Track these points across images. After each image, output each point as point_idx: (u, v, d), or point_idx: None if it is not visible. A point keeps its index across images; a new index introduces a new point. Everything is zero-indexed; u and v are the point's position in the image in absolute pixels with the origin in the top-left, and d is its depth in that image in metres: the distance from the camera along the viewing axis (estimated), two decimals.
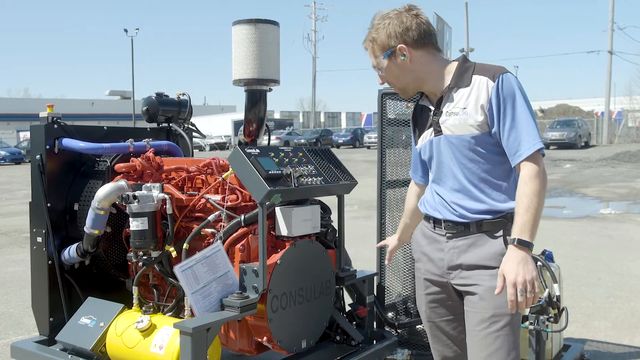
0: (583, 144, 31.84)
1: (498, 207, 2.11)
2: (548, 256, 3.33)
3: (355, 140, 38.56)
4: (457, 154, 2.15)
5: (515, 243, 1.96)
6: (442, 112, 2.18)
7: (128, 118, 41.40)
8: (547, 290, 3.05)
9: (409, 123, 3.39)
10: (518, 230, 1.97)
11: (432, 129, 2.22)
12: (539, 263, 3.18)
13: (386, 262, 2.74)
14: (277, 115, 57.34)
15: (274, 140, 33.10)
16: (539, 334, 3.02)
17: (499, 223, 2.11)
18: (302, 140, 37.50)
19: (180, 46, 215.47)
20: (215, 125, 43.27)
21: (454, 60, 2.24)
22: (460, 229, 2.17)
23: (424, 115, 2.30)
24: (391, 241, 2.74)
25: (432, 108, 2.23)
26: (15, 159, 32.99)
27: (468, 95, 2.12)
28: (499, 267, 2.02)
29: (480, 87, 2.10)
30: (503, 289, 1.94)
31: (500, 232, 2.11)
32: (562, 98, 54.25)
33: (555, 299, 3.06)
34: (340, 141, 39.13)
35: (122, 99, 60.65)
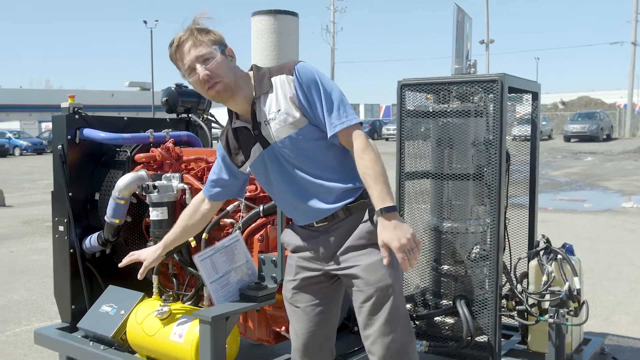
0: (605, 136, 31.37)
1: (351, 187, 2.16)
2: (568, 249, 3.30)
3: (374, 132, 38.39)
4: (291, 156, 2.16)
5: (382, 213, 2.00)
6: (260, 123, 2.17)
7: (147, 109, 41.70)
8: (567, 283, 3.02)
9: (429, 115, 3.37)
10: (378, 201, 2.02)
11: (257, 144, 2.20)
12: (559, 256, 3.15)
13: (139, 277, 2.60)
14: None
15: None
16: (558, 328, 3.00)
17: (361, 204, 2.16)
18: None
19: None
20: None
21: (248, 71, 2.24)
22: (329, 220, 2.19)
23: (240, 137, 2.26)
24: (148, 255, 2.59)
25: (248, 125, 2.20)
26: (37, 149, 33.44)
27: (277, 98, 2.13)
28: (370, 244, 2.12)
29: (283, 86, 2.13)
30: (390, 258, 2.00)
31: (365, 211, 2.17)
32: (584, 90, 53.56)
33: (575, 292, 3.03)
34: None
35: (142, 90, 61.03)
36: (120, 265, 2.68)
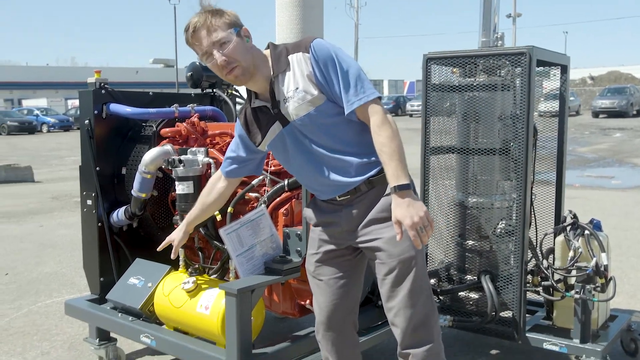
0: (635, 112, 30.64)
1: (374, 160, 2.14)
2: (596, 225, 3.25)
3: (398, 108, 38.08)
4: (312, 133, 2.16)
5: (396, 191, 2.01)
6: (279, 102, 2.16)
7: (172, 86, 41.86)
8: (594, 259, 2.99)
9: (454, 89, 3.33)
10: (393, 178, 2.02)
11: (277, 122, 2.20)
12: (586, 232, 3.11)
13: (172, 256, 2.67)
14: None
15: None
16: (584, 303, 2.97)
17: (383, 177, 2.12)
18: None
19: None
20: None
21: (265, 50, 2.22)
22: (352, 193, 2.19)
23: (259, 116, 2.26)
24: (177, 235, 2.66)
25: (267, 104, 2.20)
26: (64, 126, 33.88)
27: (294, 76, 2.12)
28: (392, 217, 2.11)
29: (300, 64, 2.11)
30: (403, 234, 2.00)
31: (387, 184, 2.13)
32: (614, 65, 52.29)
33: (602, 268, 3.00)
34: None
35: (166, 67, 61.26)
36: (158, 249, 2.75)
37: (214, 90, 3.93)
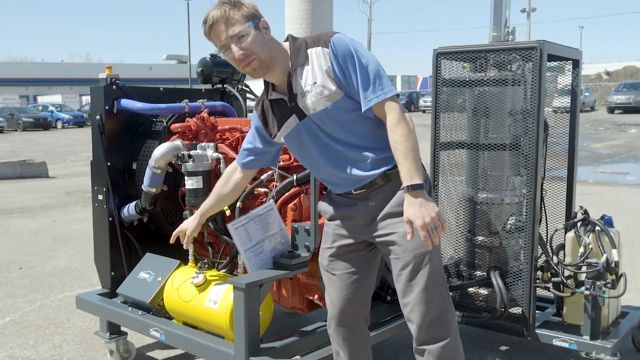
0: None
1: (391, 154, 2.11)
2: (607, 221, 3.22)
3: (411, 104, 37.91)
4: (328, 128, 2.15)
5: (409, 190, 1.99)
6: (296, 95, 2.15)
7: (185, 82, 42.00)
8: (605, 255, 2.97)
9: (465, 84, 3.31)
10: (407, 178, 2.01)
11: (294, 116, 2.19)
12: (597, 228, 3.09)
13: (185, 247, 2.68)
14: None
15: None
16: (595, 300, 2.95)
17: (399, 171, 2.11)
18: None
19: None
20: None
21: (284, 42, 2.20)
22: (368, 187, 2.19)
23: (276, 109, 2.25)
24: (189, 225, 2.64)
25: (284, 97, 2.19)
26: (78, 122, 34.17)
27: (312, 70, 2.11)
28: None
29: (319, 58, 2.10)
30: (414, 233, 2.00)
31: None
32: (630, 59, 51.53)
33: (613, 265, 2.97)
34: None
35: (179, 63, 61.45)
36: (171, 240, 2.75)
37: (225, 85, 3.94)
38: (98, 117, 3.43)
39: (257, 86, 5.04)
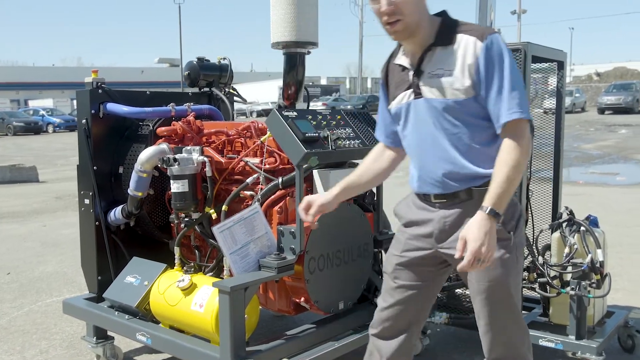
0: None
1: (483, 173, 2.00)
2: (593, 221, 3.24)
3: None
4: (440, 119, 2.02)
5: (487, 212, 1.87)
6: (423, 72, 2.03)
7: (177, 85, 41.95)
8: (589, 255, 2.98)
9: None
10: (494, 200, 1.88)
11: (410, 90, 2.07)
12: (582, 228, 3.10)
13: (313, 226, 2.36)
14: (323, 81, 57.02)
15: (320, 107, 32.83)
16: (580, 300, 2.97)
17: (485, 191, 1.96)
18: (349, 107, 37.15)
19: (228, 12, 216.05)
20: (262, 92, 43.41)
21: (436, 15, 2.07)
22: (449, 198, 2.06)
23: (399, 75, 2.13)
24: (323, 198, 2.27)
25: (410, 67, 2.08)
26: (70, 126, 33.92)
27: (453, 56, 1.98)
28: None
29: (467, 48, 1.96)
30: (462, 254, 1.87)
31: None
32: (621, 60, 51.89)
33: (598, 265, 2.99)
34: None
35: (171, 66, 61.40)
36: (304, 217, 2.30)
37: (212, 89, 3.94)
38: (84, 121, 3.42)
39: (244, 89, 5.03)
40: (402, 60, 2.12)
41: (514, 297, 2.09)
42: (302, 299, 2.92)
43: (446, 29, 2.01)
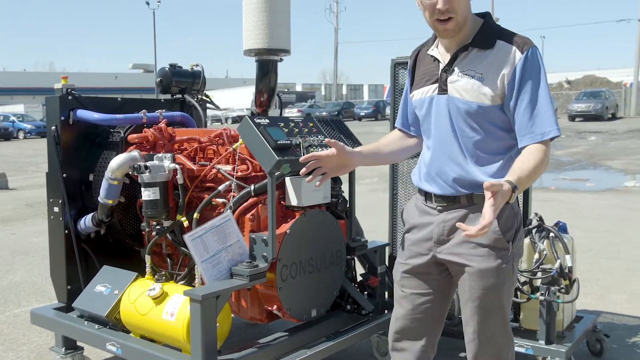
0: (610, 115, 31.13)
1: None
2: (561, 227, 3.29)
3: (378, 112, 38.24)
4: (459, 120, 2.02)
5: (512, 185, 1.80)
6: (454, 70, 2.02)
7: (151, 91, 41.61)
8: (558, 261, 3.03)
9: None
10: (519, 178, 1.82)
11: (436, 85, 2.06)
12: (551, 234, 3.15)
13: (318, 183, 2.24)
14: (298, 88, 57.15)
15: (295, 113, 32.89)
16: (549, 305, 3.01)
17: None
18: (324, 113, 37.26)
19: (203, 18, 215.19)
20: (237, 98, 43.27)
21: (478, 16, 2.07)
22: (450, 201, 2.07)
23: (428, 66, 2.12)
24: (335, 150, 2.13)
25: (442, 61, 2.06)
26: (41, 133, 33.39)
27: (489, 60, 1.97)
28: (489, 246, 2.00)
29: (505, 55, 1.95)
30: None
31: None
32: (590, 69, 52.84)
33: (566, 270, 3.04)
34: (362, 114, 38.90)
35: (145, 72, 60.88)
36: (301, 159, 2.19)
37: (184, 95, 3.92)
38: (53, 127, 3.37)
39: (217, 97, 5.00)
40: (435, 52, 2.11)
41: (505, 308, 2.11)
42: (275, 306, 2.90)
43: (487, 32, 2.01)
